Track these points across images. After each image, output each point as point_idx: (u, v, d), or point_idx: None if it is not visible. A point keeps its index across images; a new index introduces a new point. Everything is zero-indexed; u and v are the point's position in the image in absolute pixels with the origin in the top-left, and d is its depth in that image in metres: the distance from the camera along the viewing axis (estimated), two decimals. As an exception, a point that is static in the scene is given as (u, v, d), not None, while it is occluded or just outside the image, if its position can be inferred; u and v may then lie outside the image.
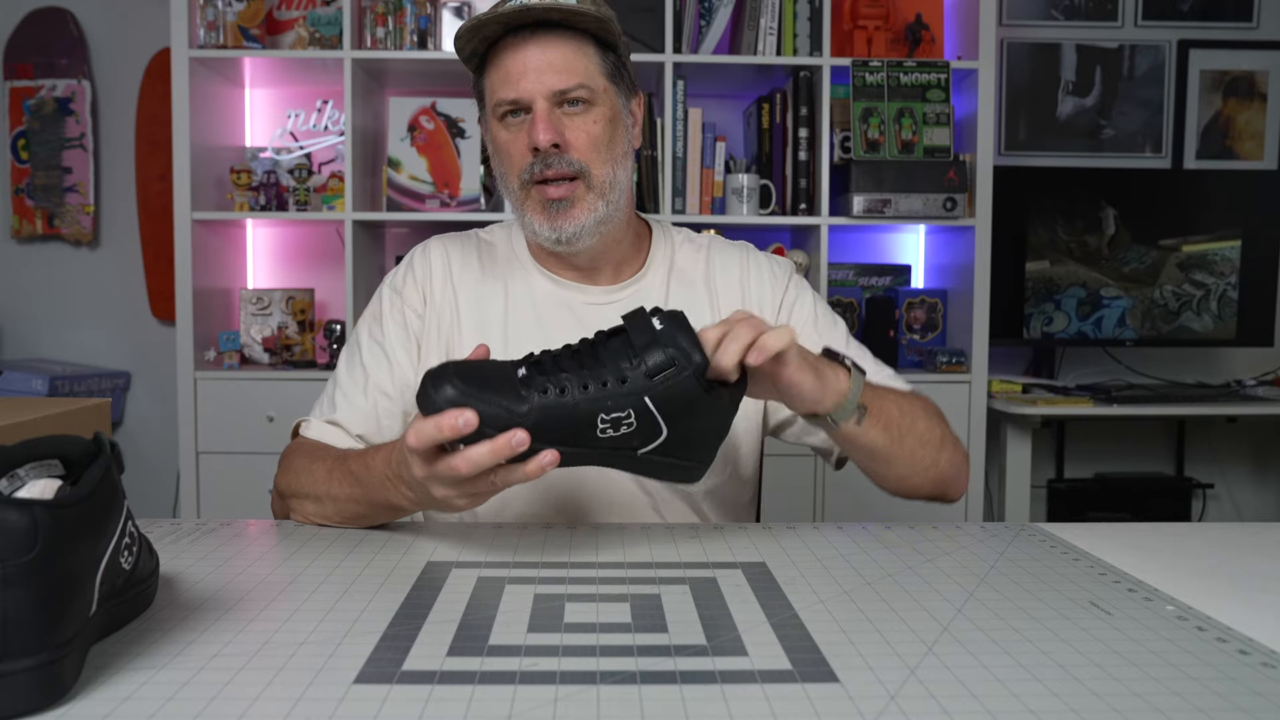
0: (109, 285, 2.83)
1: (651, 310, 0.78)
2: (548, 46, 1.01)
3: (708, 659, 0.61)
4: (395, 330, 1.11)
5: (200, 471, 2.39)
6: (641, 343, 0.75)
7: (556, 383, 0.74)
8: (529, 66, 1.01)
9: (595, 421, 0.74)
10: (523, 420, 0.72)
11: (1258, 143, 2.94)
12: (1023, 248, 2.66)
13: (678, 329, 0.76)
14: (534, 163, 1.03)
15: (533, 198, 1.05)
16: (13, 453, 0.61)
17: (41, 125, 2.78)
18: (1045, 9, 2.89)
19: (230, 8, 2.42)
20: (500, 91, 1.03)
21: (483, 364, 0.77)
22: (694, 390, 0.76)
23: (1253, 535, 0.95)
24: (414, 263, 1.15)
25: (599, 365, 0.75)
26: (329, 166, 2.66)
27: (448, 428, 0.71)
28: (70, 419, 1.48)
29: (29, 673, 0.50)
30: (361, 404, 1.07)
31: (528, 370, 0.75)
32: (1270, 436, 2.97)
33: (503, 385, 0.73)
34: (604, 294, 1.12)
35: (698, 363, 0.75)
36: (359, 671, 0.58)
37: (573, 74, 1.02)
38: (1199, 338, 2.73)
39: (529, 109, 1.02)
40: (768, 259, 1.19)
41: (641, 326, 0.76)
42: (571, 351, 0.77)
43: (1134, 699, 0.55)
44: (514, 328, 1.10)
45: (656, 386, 0.75)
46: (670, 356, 0.75)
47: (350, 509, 0.92)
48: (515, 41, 1.02)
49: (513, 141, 1.04)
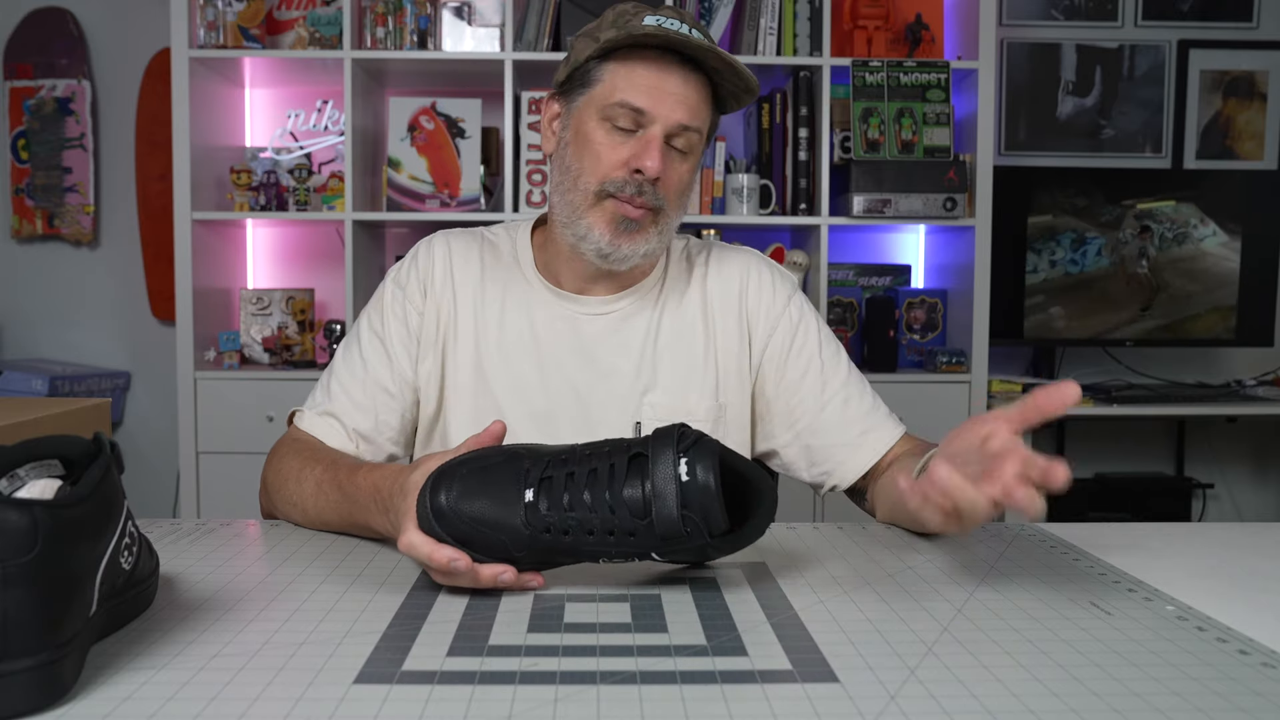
0: (109, 285, 2.83)
1: (684, 442, 0.72)
2: (690, 82, 1.02)
3: (708, 659, 0.61)
4: (396, 325, 1.11)
5: (200, 471, 2.39)
6: (662, 500, 0.70)
7: (561, 521, 0.71)
8: (670, 91, 1.01)
9: (596, 559, 0.74)
10: (520, 561, 0.73)
11: (1258, 143, 2.95)
12: (1023, 248, 2.66)
13: (702, 489, 0.70)
14: (627, 181, 1.02)
15: (604, 209, 1.03)
16: (13, 453, 0.61)
17: (41, 125, 2.78)
18: (1045, 9, 2.89)
19: (230, 8, 2.42)
20: (629, 95, 1.01)
21: (491, 480, 0.73)
22: (706, 551, 0.73)
23: (1253, 535, 0.95)
24: (418, 257, 1.14)
25: (615, 504, 0.71)
26: (329, 166, 2.67)
27: (440, 563, 0.72)
28: (70, 419, 1.48)
29: (29, 673, 0.50)
30: (359, 397, 1.07)
31: (534, 496, 0.72)
32: (1270, 436, 2.97)
33: (507, 518, 0.71)
34: (601, 304, 1.11)
35: (714, 539, 0.71)
36: (359, 671, 0.58)
37: (698, 116, 1.03)
38: (1199, 338, 2.74)
39: (643, 127, 1.01)
40: (770, 270, 1.16)
41: (665, 473, 0.70)
42: (590, 471, 0.72)
43: (1134, 699, 0.55)
44: (509, 336, 1.10)
45: (663, 548, 0.72)
46: (686, 531, 0.70)
47: (334, 524, 0.93)
48: (660, 59, 1.01)
49: (610, 148, 1.02)
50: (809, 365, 1.11)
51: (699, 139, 1.04)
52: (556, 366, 1.09)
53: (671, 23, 0.99)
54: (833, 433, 1.09)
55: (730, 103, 1.08)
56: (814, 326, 1.14)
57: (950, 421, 2.49)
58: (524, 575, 0.74)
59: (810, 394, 1.10)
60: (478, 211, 2.48)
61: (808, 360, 1.12)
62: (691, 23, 1.01)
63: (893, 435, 1.09)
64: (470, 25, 2.48)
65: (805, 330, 1.13)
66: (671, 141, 1.02)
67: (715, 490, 0.70)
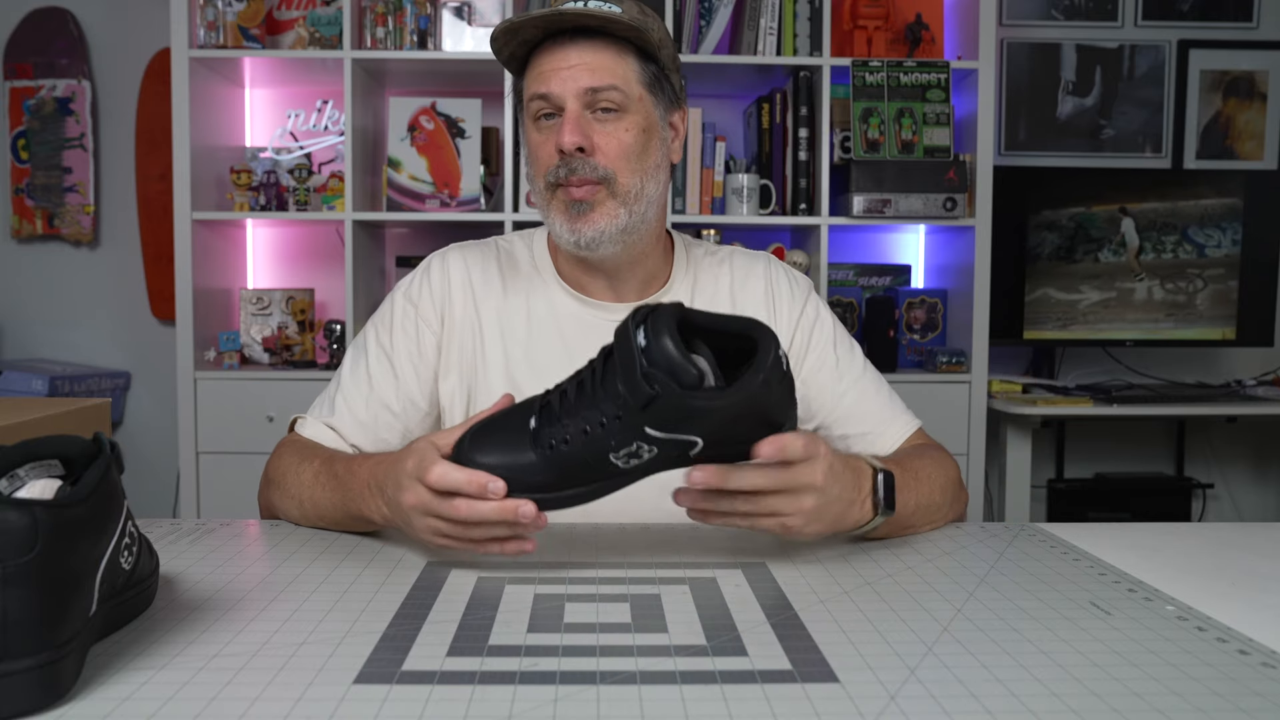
0: (109, 285, 2.83)
1: (640, 314, 0.73)
2: (586, 50, 1.01)
3: (708, 659, 0.61)
4: (404, 342, 1.09)
5: (200, 471, 2.39)
6: (626, 368, 0.71)
7: (560, 432, 0.74)
8: (564, 65, 1.01)
9: (608, 459, 0.74)
10: (533, 480, 0.74)
11: (1258, 143, 2.94)
12: (1023, 248, 2.66)
13: (659, 346, 0.70)
14: (559, 165, 1.02)
15: (557, 199, 1.03)
16: (13, 453, 0.61)
17: (41, 125, 2.78)
18: (1045, 9, 2.89)
19: (230, 8, 2.42)
20: (533, 86, 1.02)
21: (501, 419, 0.78)
22: (695, 405, 0.70)
23: (1253, 535, 0.95)
24: (431, 274, 1.12)
25: (597, 400, 0.73)
26: (329, 166, 2.66)
27: (476, 485, 0.74)
28: (70, 419, 1.48)
29: (29, 673, 0.50)
30: (362, 414, 1.06)
31: (538, 420, 0.75)
32: (1270, 436, 2.97)
33: (521, 450, 0.75)
34: (627, 310, 1.11)
35: (687, 384, 0.70)
36: (359, 671, 0.58)
37: (606, 75, 1.01)
38: (1199, 338, 2.74)
39: (560, 108, 1.01)
40: (787, 273, 1.18)
41: (626, 347, 0.71)
42: (578, 383, 0.76)
43: (1134, 699, 0.55)
44: (538, 347, 1.09)
45: (651, 416, 0.71)
46: (653, 390, 0.70)
47: (329, 516, 0.93)
48: (555, 45, 1.02)
49: (543, 143, 1.03)
50: (823, 361, 1.12)
51: (623, 95, 1.01)
52: None
53: (567, 4, 0.99)
54: (847, 426, 1.10)
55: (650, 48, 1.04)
56: (829, 324, 1.16)
57: (950, 421, 2.50)
58: (518, 543, 0.77)
59: (825, 389, 1.12)
60: (477, 211, 2.48)
61: (822, 356, 1.13)
62: None
63: (906, 429, 1.10)
64: (470, 25, 2.48)
65: (821, 328, 1.15)
66: (596, 109, 1.02)
67: (673, 346, 0.69)
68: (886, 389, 1.14)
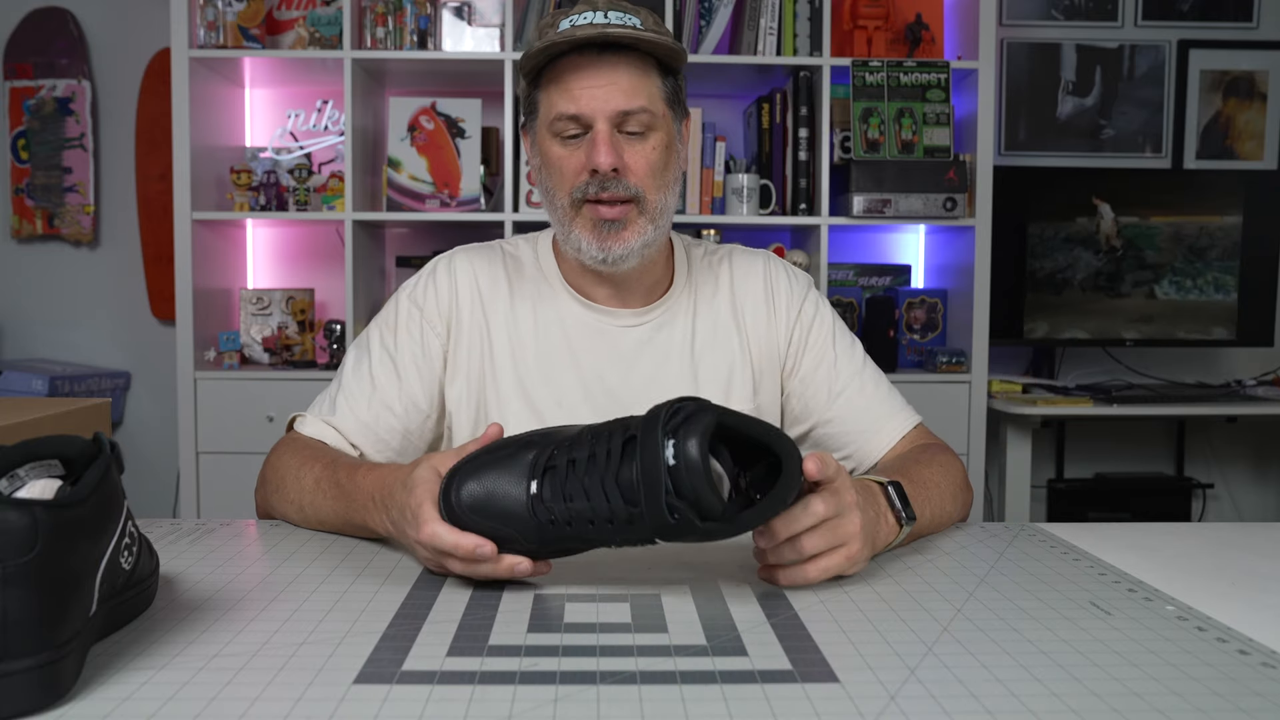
0: (109, 285, 2.83)
1: (671, 422, 0.69)
2: (614, 67, 1.00)
3: (708, 659, 0.61)
4: (408, 344, 1.09)
5: (200, 471, 2.39)
6: (650, 487, 0.68)
7: (564, 512, 0.71)
8: (593, 84, 1.00)
9: (605, 543, 0.74)
10: (527, 547, 0.73)
11: (1258, 143, 2.94)
12: (1023, 248, 2.66)
13: (689, 475, 0.67)
14: (589, 183, 1.01)
15: (583, 216, 1.03)
16: (13, 453, 0.61)
17: (41, 125, 2.78)
18: (1045, 9, 2.89)
19: (230, 8, 2.42)
20: (561, 105, 1.01)
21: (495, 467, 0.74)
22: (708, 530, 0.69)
23: (1253, 535, 0.95)
24: (437, 278, 1.11)
25: (607, 492, 0.70)
26: (329, 166, 2.66)
27: (465, 550, 0.73)
28: (70, 419, 1.48)
29: (29, 673, 0.50)
30: (364, 414, 1.06)
31: (539, 484, 0.72)
32: (1270, 436, 2.97)
33: (516, 512, 0.73)
34: (634, 316, 1.11)
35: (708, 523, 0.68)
36: (359, 671, 0.58)
37: (637, 96, 1.01)
38: (1199, 338, 2.74)
39: (588, 127, 1.01)
40: (786, 269, 1.18)
41: (652, 457, 0.68)
42: (589, 455, 0.72)
43: (1134, 699, 0.55)
44: (546, 354, 1.09)
45: (662, 533, 0.70)
46: (674, 521, 0.68)
47: (330, 523, 0.93)
48: (580, 59, 1.01)
49: (567, 158, 1.03)
50: (822, 357, 1.13)
51: (651, 115, 1.02)
52: (598, 378, 1.09)
53: (584, 17, 0.99)
54: (846, 422, 1.11)
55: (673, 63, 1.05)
56: (828, 320, 1.16)
57: (950, 422, 2.50)
58: (536, 565, 0.75)
59: (824, 385, 1.12)
60: (477, 211, 2.48)
61: (820, 353, 1.13)
62: (607, 4, 1.00)
63: (905, 425, 1.10)
64: (470, 25, 2.48)
65: (820, 324, 1.15)
66: (623, 129, 1.02)
67: (702, 472, 0.66)
68: (886, 385, 1.14)
